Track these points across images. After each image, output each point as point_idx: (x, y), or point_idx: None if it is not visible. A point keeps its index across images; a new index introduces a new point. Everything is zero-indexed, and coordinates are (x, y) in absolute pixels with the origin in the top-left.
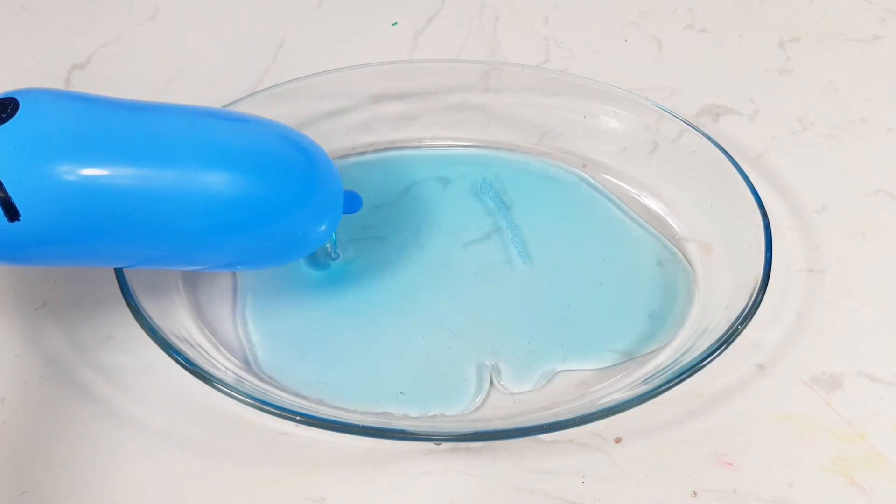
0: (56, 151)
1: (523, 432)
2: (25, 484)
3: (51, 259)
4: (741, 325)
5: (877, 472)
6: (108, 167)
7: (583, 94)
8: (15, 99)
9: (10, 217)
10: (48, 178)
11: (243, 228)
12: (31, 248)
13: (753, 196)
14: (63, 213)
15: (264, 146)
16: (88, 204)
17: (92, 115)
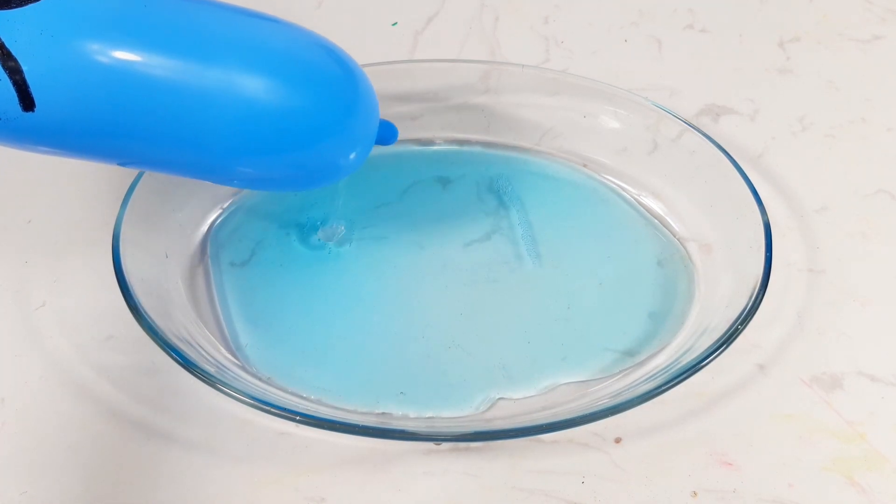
0: (85, 40)
1: (523, 432)
2: (25, 484)
3: (61, 151)
4: (741, 325)
5: (877, 473)
6: (138, 60)
7: (583, 94)
8: None
9: (25, 106)
10: (72, 71)
11: (276, 141)
12: (43, 139)
13: (753, 196)
14: (84, 107)
15: (310, 56)
16: (113, 98)
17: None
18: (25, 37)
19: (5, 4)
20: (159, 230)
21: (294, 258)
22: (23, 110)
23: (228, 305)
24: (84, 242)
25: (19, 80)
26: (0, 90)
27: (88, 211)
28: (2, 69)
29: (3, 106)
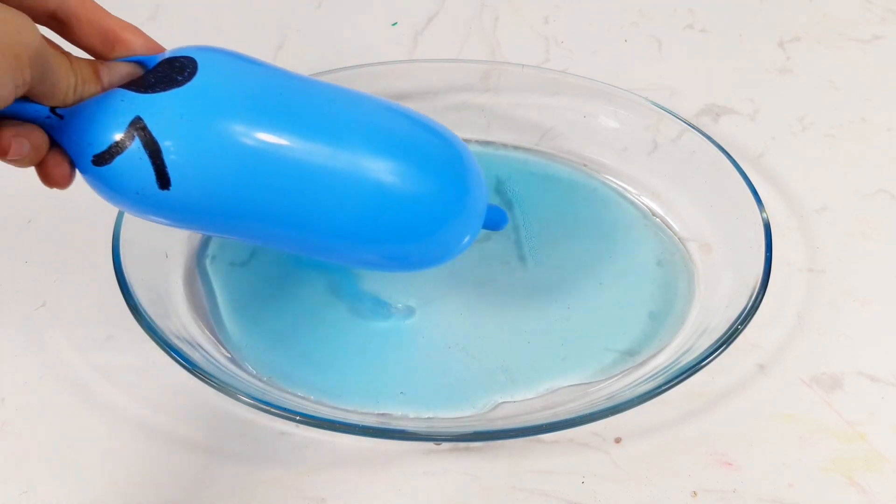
0: (221, 126)
1: (523, 432)
2: (25, 484)
3: (190, 226)
4: (741, 325)
5: (877, 473)
6: (271, 147)
7: (583, 94)
8: (195, 60)
9: (162, 185)
10: (207, 154)
11: (402, 225)
12: (174, 215)
13: (753, 196)
14: (216, 188)
15: (435, 144)
16: (244, 181)
17: (265, 88)
18: (166, 121)
19: (149, 89)
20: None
21: (294, 259)
22: (158, 188)
23: (228, 306)
24: (84, 242)
25: (158, 161)
26: (140, 169)
27: (88, 211)
28: (143, 150)
29: (141, 183)
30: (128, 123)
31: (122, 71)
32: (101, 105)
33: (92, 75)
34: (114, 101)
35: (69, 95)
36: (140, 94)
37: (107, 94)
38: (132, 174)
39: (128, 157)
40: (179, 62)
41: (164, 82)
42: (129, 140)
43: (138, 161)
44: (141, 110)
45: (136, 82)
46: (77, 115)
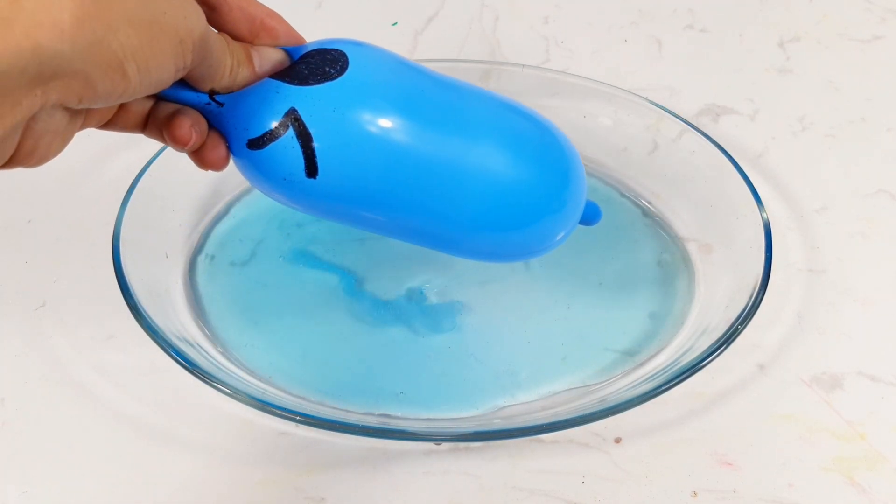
0: (370, 122)
1: (523, 432)
2: (25, 484)
3: (327, 215)
4: (741, 325)
5: (877, 473)
6: (411, 140)
7: (583, 94)
8: (345, 55)
9: (309, 173)
10: (355, 148)
11: (516, 216)
12: (316, 203)
13: (753, 196)
14: (359, 178)
15: (551, 142)
16: (385, 173)
17: (408, 85)
18: (320, 112)
19: (304, 81)
20: (159, 230)
21: (294, 258)
22: (306, 176)
23: (228, 306)
24: (84, 242)
25: (309, 151)
26: (291, 156)
27: (88, 211)
28: (296, 139)
29: (291, 170)
30: (283, 113)
31: (273, 57)
32: (259, 95)
33: (245, 59)
34: (270, 91)
35: (226, 77)
36: (295, 86)
37: (263, 83)
38: (283, 161)
39: (281, 144)
40: (331, 55)
41: (318, 75)
42: (283, 129)
43: (290, 149)
44: (296, 102)
45: (289, 73)
46: (236, 103)
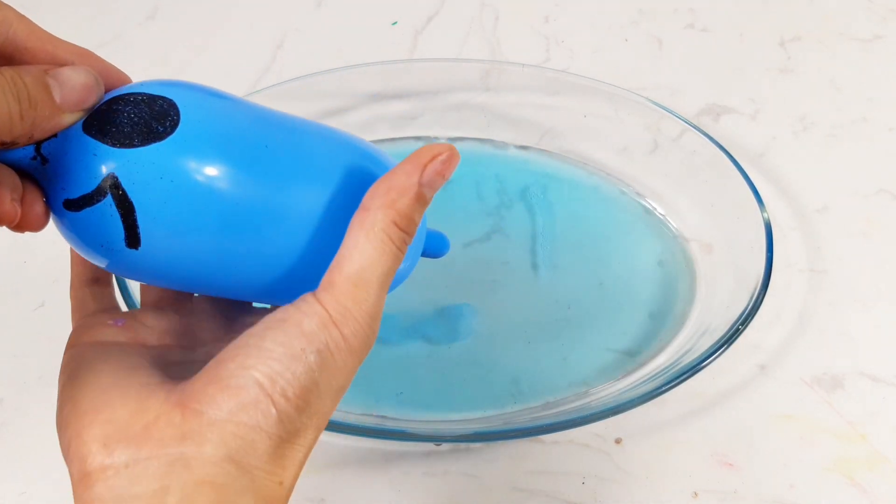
0: (201, 188)
1: (523, 432)
2: (25, 484)
3: (155, 282)
4: (742, 325)
5: (878, 473)
6: (248, 206)
7: (583, 94)
8: (176, 106)
9: (130, 243)
10: (184, 216)
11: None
12: (137, 273)
13: (754, 196)
14: (187, 250)
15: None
16: (213, 243)
17: (244, 138)
18: (144, 179)
19: (127, 141)
20: None
21: None
22: (126, 246)
23: None
24: None
25: (131, 221)
26: (109, 224)
27: None
28: (115, 207)
29: (109, 238)
30: (101, 178)
31: (75, 80)
32: (76, 152)
33: (41, 94)
34: (87, 152)
35: (16, 126)
36: (115, 148)
37: (79, 139)
38: (101, 227)
39: (98, 210)
40: (159, 106)
41: (143, 133)
42: (101, 195)
43: (109, 217)
44: (117, 167)
45: (108, 127)
46: (55, 161)
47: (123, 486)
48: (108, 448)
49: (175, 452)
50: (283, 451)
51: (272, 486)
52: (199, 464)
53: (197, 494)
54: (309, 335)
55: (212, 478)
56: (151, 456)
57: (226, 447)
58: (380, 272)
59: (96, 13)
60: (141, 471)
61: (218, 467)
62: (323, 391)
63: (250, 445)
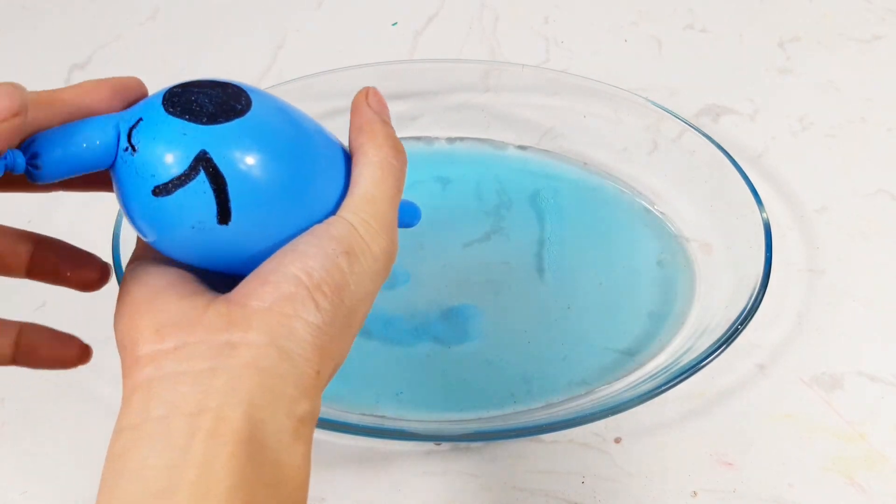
0: (274, 161)
1: (523, 432)
2: (25, 484)
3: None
4: (741, 325)
5: (877, 472)
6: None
7: (583, 94)
8: (244, 89)
9: (222, 219)
10: (263, 189)
11: None
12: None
13: (753, 196)
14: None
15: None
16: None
17: (292, 122)
18: (231, 153)
19: (211, 119)
20: None
21: None
22: (217, 223)
23: None
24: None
25: (223, 196)
26: (202, 202)
27: (88, 211)
28: (209, 183)
29: (201, 217)
30: (193, 157)
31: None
32: (164, 137)
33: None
34: (176, 135)
35: None
36: (204, 125)
37: (167, 122)
38: (193, 207)
39: (191, 189)
40: (232, 89)
41: (227, 111)
42: (194, 173)
43: (202, 195)
44: (207, 144)
45: (193, 110)
46: (144, 149)
47: (172, 366)
48: (159, 334)
49: (223, 339)
50: (320, 341)
51: (310, 373)
52: (245, 348)
53: (243, 375)
54: (338, 238)
55: (256, 361)
56: (200, 341)
57: (270, 333)
58: (386, 188)
59: (97, 14)
60: (190, 353)
61: (262, 351)
62: (354, 291)
63: (292, 332)
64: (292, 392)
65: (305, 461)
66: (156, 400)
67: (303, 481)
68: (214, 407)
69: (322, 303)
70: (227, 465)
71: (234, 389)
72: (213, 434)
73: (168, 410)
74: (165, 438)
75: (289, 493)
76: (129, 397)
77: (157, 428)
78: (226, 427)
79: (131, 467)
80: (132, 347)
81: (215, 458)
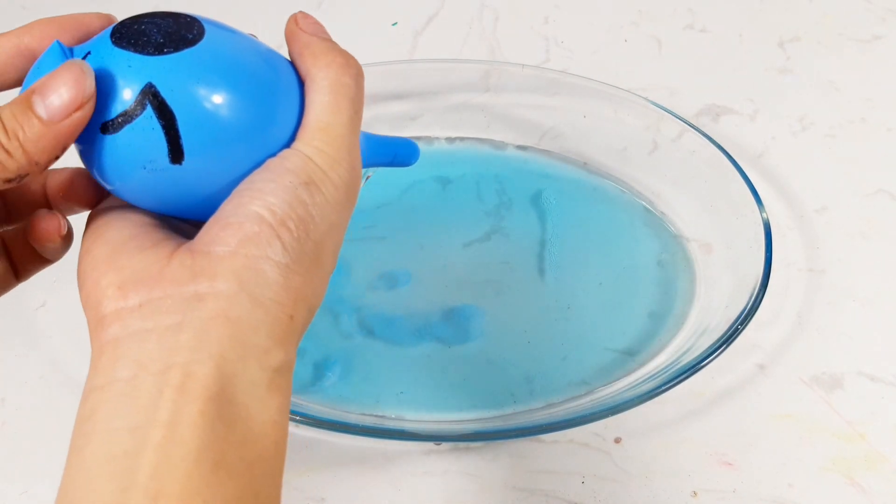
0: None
1: (523, 432)
2: (25, 484)
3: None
4: (741, 324)
5: (877, 472)
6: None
7: (583, 94)
8: (198, 19)
9: (174, 158)
10: (217, 125)
11: None
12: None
13: (753, 196)
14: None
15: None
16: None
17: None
18: (180, 85)
19: (159, 51)
20: None
21: None
22: (170, 162)
23: None
24: None
25: (173, 133)
26: (152, 140)
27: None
28: (157, 119)
29: (151, 156)
30: (139, 91)
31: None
32: (108, 72)
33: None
34: (120, 67)
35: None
36: (150, 56)
37: (111, 54)
38: (143, 145)
39: (138, 126)
40: (184, 19)
41: (175, 41)
42: (140, 108)
43: (150, 132)
44: (153, 76)
45: (139, 40)
46: None
47: (138, 323)
48: (122, 291)
49: (188, 290)
50: (291, 282)
51: (284, 319)
52: (213, 298)
53: (211, 328)
54: (294, 170)
55: (226, 311)
56: (165, 295)
57: (237, 279)
58: (339, 111)
59: None
60: (155, 308)
61: (231, 301)
62: (319, 223)
63: (261, 275)
64: (265, 342)
65: (281, 415)
66: (122, 360)
67: (279, 436)
68: (181, 363)
69: (287, 240)
70: (195, 423)
71: (202, 343)
72: (181, 391)
73: (135, 370)
74: (132, 399)
75: (263, 448)
76: (96, 358)
77: (123, 388)
78: (194, 383)
79: (98, 429)
80: (97, 307)
81: (183, 416)
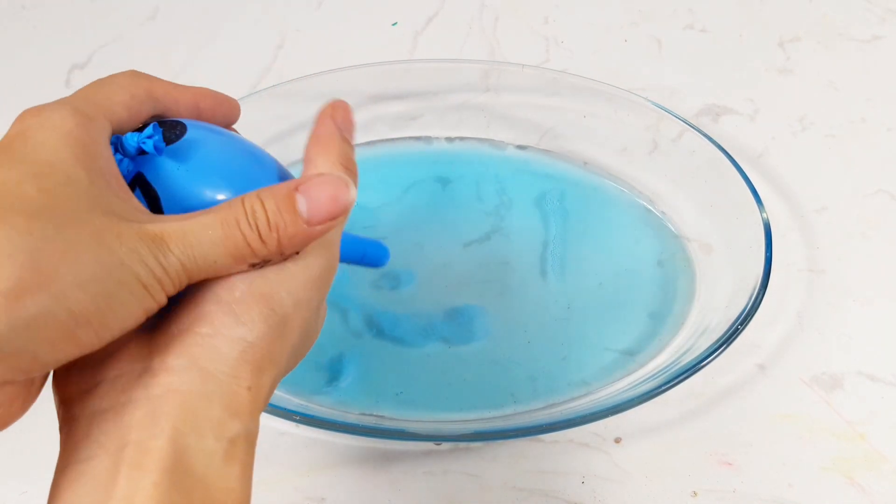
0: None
1: (523, 432)
2: (25, 484)
3: None
4: (741, 325)
5: (877, 472)
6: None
7: (583, 94)
8: (182, 122)
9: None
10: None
11: None
12: None
13: (753, 196)
14: None
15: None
16: None
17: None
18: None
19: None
20: None
21: None
22: None
23: None
24: None
25: (156, 208)
26: None
27: None
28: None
29: None
30: (132, 177)
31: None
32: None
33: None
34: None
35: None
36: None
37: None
38: None
39: None
40: (172, 123)
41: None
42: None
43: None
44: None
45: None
46: None
47: (95, 403)
48: (81, 373)
49: (141, 367)
50: (249, 356)
51: (240, 391)
52: (165, 374)
53: (163, 403)
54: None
55: (177, 386)
56: (121, 374)
57: (189, 356)
58: None
59: (97, 14)
60: (109, 388)
61: (182, 376)
62: (284, 299)
63: (213, 351)
64: (219, 414)
65: (241, 483)
66: (83, 441)
67: (241, 503)
68: (135, 440)
69: (244, 315)
70: (150, 494)
71: (155, 418)
72: (136, 467)
73: (94, 450)
74: (91, 479)
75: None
76: (62, 438)
77: (82, 469)
78: (148, 458)
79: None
80: (58, 388)
81: (138, 490)
